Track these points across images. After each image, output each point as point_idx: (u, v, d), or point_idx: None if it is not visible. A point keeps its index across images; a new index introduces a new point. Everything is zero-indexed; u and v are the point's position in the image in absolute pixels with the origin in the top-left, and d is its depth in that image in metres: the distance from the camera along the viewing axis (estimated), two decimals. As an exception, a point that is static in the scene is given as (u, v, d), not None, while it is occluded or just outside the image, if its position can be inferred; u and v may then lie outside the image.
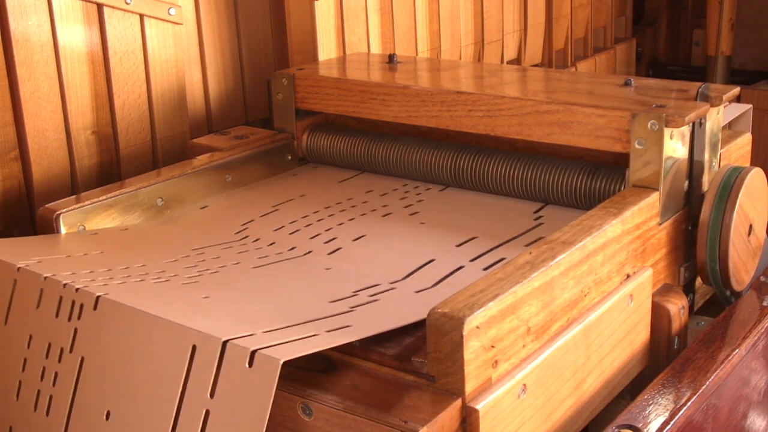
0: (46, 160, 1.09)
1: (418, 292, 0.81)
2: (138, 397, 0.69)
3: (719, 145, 0.99)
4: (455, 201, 1.02)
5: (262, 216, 0.99)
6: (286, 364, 0.63)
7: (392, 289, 0.81)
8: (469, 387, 0.67)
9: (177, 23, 1.20)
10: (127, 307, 0.72)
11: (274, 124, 1.18)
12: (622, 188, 0.93)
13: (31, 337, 0.77)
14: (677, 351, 0.90)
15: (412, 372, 0.70)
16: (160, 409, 0.67)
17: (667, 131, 0.88)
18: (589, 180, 0.97)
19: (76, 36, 1.10)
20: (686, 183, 0.94)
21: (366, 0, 1.35)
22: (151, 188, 1.00)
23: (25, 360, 0.77)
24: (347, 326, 0.71)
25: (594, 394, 0.81)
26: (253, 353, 0.63)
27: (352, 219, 0.98)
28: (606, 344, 0.82)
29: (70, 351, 0.74)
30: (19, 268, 0.80)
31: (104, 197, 0.96)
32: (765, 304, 0.94)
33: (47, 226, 0.92)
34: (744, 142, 1.08)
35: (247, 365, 0.63)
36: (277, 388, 0.67)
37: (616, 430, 0.74)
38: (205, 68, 1.28)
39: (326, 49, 1.29)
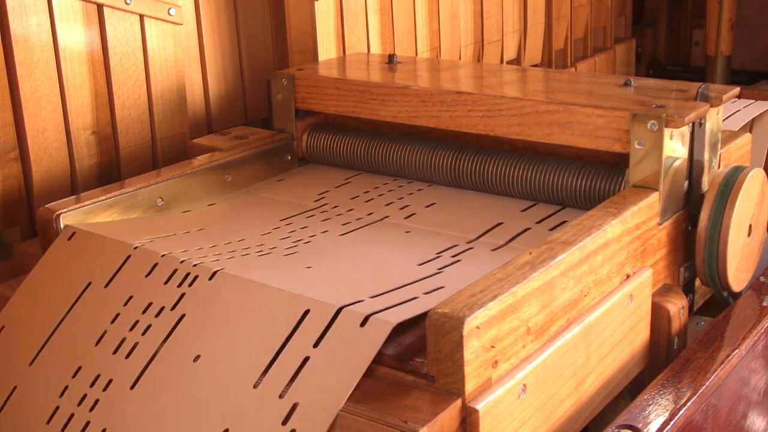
0: (46, 160, 1.09)
1: (493, 250, 0.89)
2: (234, 345, 0.74)
3: (719, 145, 0.99)
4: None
5: (336, 187, 1.08)
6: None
7: (470, 249, 0.89)
8: (469, 387, 0.67)
9: (177, 23, 1.20)
10: (244, 279, 0.79)
11: (274, 124, 1.18)
12: (622, 188, 0.93)
13: (131, 297, 0.82)
14: (677, 351, 0.90)
15: (412, 372, 0.70)
16: (255, 353, 0.72)
17: (667, 131, 0.89)
18: (589, 180, 0.97)
19: (76, 36, 1.10)
20: (686, 183, 0.94)
21: (366, 0, 1.35)
22: (151, 188, 1.00)
23: (117, 315, 0.82)
24: (441, 287, 0.79)
25: (594, 394, 0.81)
26: (366, 317, 0.70)
27: (420, 189, 1.07)
28: (606, 344, 0.82)
29: (171, 309, 0.79)
30: (136, 247, 0.86)
31: (104, 197, 0.96)
32: (765, 304, 0.94)
33: (47, 226, 0.92)
34: (744, 142, 1.08)
35: (359, 326, 0.70)
36: None
37: (616, 430, 0.74)
38: (204, 68, 1.28)
39: (326, 50, 1.29)
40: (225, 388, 0.72)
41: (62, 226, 0.92)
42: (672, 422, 0.75)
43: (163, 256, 0.84)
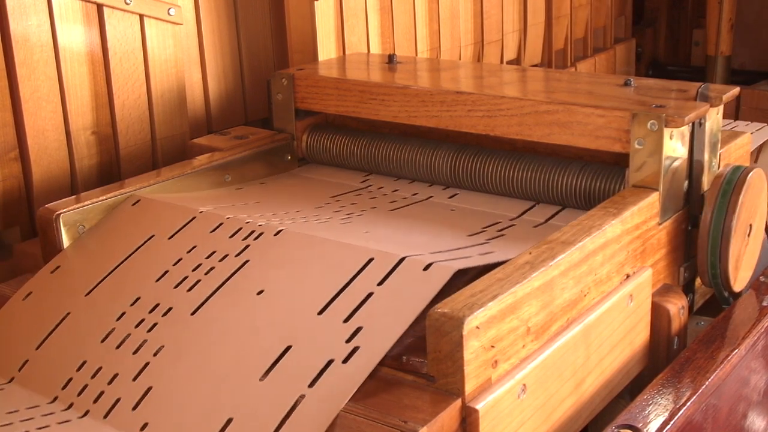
0: (46, 160, 1.09)
1: (535, 227, 0.94)
2: (299, 282, 0.79)
3: (719, 145, 0.99)
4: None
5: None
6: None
7: (512, 225, 0.94)
8: (469, 387, 0.67)
9: (177, 23, 1.20)
10: (308, 234, 0.84)
11: (274, 124, 1.18)
12: (622, 188, 0.93)
13: (194, 246, 0.87)
14: (677, 351, 0.90)
15: (412, 372, 0.70)
16: (319, 289, 0.77)
17: (666, 131, 0.89)
18: (589, 180, 0.97)
19: (76, 36, 1.10)
20: (686, 183, 0.94)
21: (366, 0, 1.35)
22: (150, 188, 1.00)
23: (180, 259, 0.86)
24: (492, 252, 0.84)
25: (594, 394, 0.81)
26: (429, 264, 0.76)
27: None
28: (606, 344, 0.82)
29: (236, 256, 0.84)
30: (201, 211, 0.92)
31: (104, 197, 0.96)
32: (764, 304, 0.94)
33: (47, 226, 0.92)
34: (744, 142, 1.08)
35: (422, 270, 0.75)
36: None
37: (616, 430, 0.74)
38: (204, 68, 1.28)
39: (326, 49, 1.29)
40: (288, 315, 0.76)
41: (62, 226, 0.92)
42: (672, 422, 0.75)
43: (228, 218, 0.89)
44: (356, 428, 0.65)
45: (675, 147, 0.91)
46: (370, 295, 0.75)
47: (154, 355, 0.78)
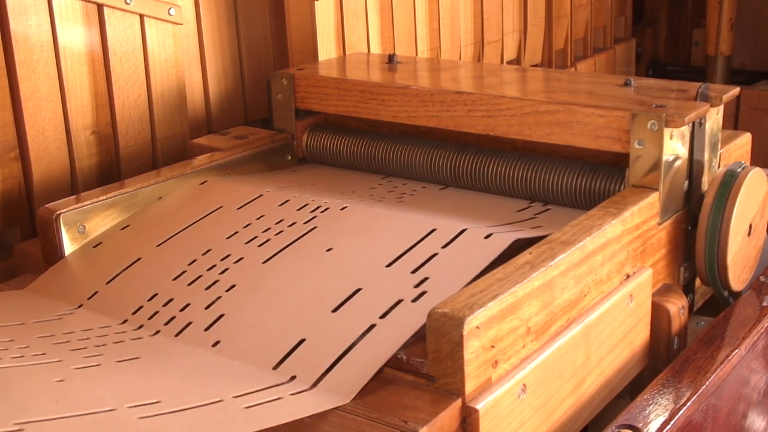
0: (46, 160, 1.09)
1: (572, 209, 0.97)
2: (366, 243, 0.85)
3: (719, 145, 0.99)
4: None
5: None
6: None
7: (548, 209, 0.98)
8: (469, 387, 0.67)
9: (177, 23, 1.20)
10: (373, 209, 0.92)
11: (274, 124, 1.18)
12: (622, 188, 0.93)
13: (263, 215, 0.93)
14: (677, 351, 0.90)
15: (412, 372, 0.70)
16: (386, 249, 0.83)
17: (667, 131, 0.89)
18: (589, 180, 0.97)
19: (76, 36, 1.10)
20: (686, 183, 0.94)
21: (366, 0, 1.35)
22: (150, 188, 1.00)
23: (249, 224, 0.92)
24: (541, 225, 0.90)
25: (594, 394, 0.81)
26: (489, 234, 0.82)
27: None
28: (606, 344, 0.82)
29: (304, 223, 0.90)
30: (267, 191, 0.99)
31: (104, 197, 0.96)
32: (765, 304, 0.94)
33: (47, 226, 0.92)
34: (744, 142, 1.08)
35: (483, 239, 0.82)
36: None
37: (616, 430, 0.74)
38: (204, 68, 1.28)
39: (326, 49, 1.29)
40: (357, 267, 0.82)
41: (62, 226, 0.92)
42: (672, 422, 0.75)
43: (294, 196, 0.97)
44: (356, 428, 0.65)
45: (675, 147, 0.91)
46: (434, 255, 0.81)
47: (227, 291, 0.82)
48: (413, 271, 0.79)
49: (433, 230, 0.85)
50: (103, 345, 0.77)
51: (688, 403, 0.78)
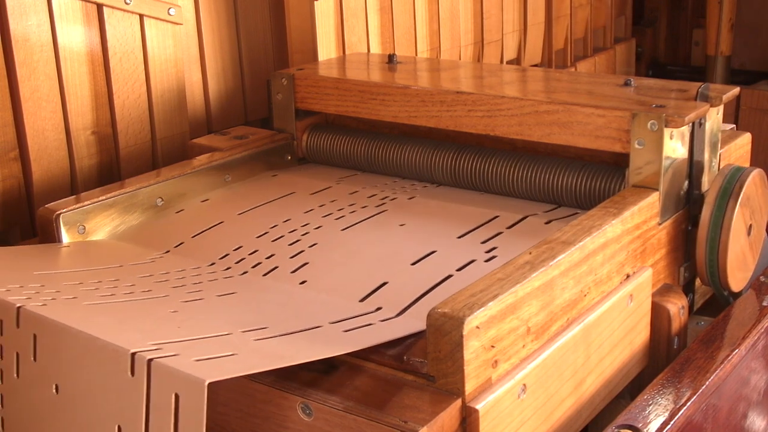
0: (46, 160, 1.09)
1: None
2: (438, 221, 0.95)
3: (719, 145, 0.99)
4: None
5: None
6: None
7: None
8: (469, 387, 0.67)
9: (177, 23, 1.20)
10: (438, 200, 1.01)
11: (274, 124, 1.18)
12: (622, 188, 0.93)
13: (335, 200, 1.02)
14: (677, 351, 0.90)
15: (412, 372, 0.70)
16: (457, 226, 0.93)
17: (666, 131, 0.89)
18: (589, 180, 0.97)
19: (76, 36, 1.10)
20: (686, 183, 0.94)
21: (366, 0, 1.35)
22: (150, 188, 1.00)
23: (323, 204, 1.01)
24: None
25: (594, 394, 0.81)
26: (550, 220, 0.94)
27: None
28: (606, 344, 0.82)
29: (376, 207, 1.00)
30: (337, 183, 1.09)
31: (104, 197, 0.96)
32: (765, 304, 0.94)
33: (47, 226, 0.92)
34: (744, 142, 1.08)
35: (544, 224, 0.93)
36: (276, 389, 0.69)
37: (616, 430, 0.74)
38: (204, 68, 1.28)
39: (326, 49, 1.29)
40: (431, 238, 0.90)
41: (62, 226, 0.92)
42: (672, 422, 0.75)
43: (363, 187, 1.06)
44: (356, 428, 0.65)
45: (675, 147, 0.91)
46: (500, 233, 0.90)
47: (309, 247, 0.90)
48: (483, 242, 0.89)
49: (496, 216, 0.95)
50: (200, 283, 0.84)
51: (688, 403, 0.78)
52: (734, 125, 1.21)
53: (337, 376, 0.70)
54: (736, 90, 0.98)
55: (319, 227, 0.94)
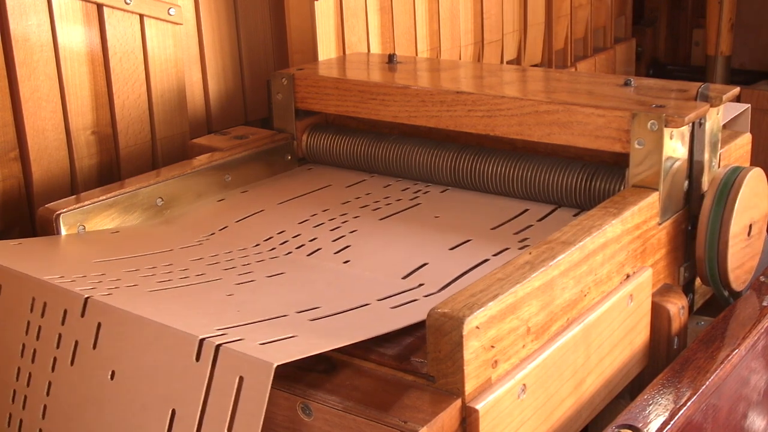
0: (46, 160, 1.09)
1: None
2: (470, 215, 1.00)
3: (719, 145, 0.99)
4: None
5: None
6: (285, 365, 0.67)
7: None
8: (469, 387, 0.67)
9: (177, 23, 1.20)
10: (470, 193, 1.06)
11: (274, 124, 1.18)
12: (622, 188, 0.93)
13: (369, 193, 1.07)
14: (677, 351, 0.90)
15: (412, 372, 0.70)
16: (489, 219, 0.98)
17: (666, 131, 0.89)
18: (589, 180, 0.97)
19: (76, 36, 1.10)
20: (686, 183, 0.94)
21: (366, 0, 1.35)
22: (150, 188, 1.00)
23: (358, 197, 1.06)
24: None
25: (594, 394, 0.81)
26: (578, 212, 0.98)
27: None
28: (606, 344, 0.82)
29: (409, 200, 1.05)
30: (372, 175, 1.14)
31: (104, 197, 0.96)
32: (765, 304, 0.94)
33: (47, 226, 0.92)
34: (744, 142, 1.08)
35: (572, 216, 0.97)
36: (276, 389, 0.69)
37: (616, 430, 0.74)
38: (204, 68, 1.28)
39: (326, 49, 1.29)
40: (465, 228, 0.95)
41: (62, 226, 0.92)
42: (672, 422, 0.75)
43: (398, 180, 1.11)
44: (356, 428, 0.65)
45: (675, 147, 0.91)
46: (530, 226, 0.94)
47: (350, 232, 0.95)
48: (516, 233, 0.94)
49: (526, 210, 0.99)
50: (248, 264, 0.88)
51: (688, 403, 0.78)
52: (749, 104, 1.22)
53: (337, 376, 0.70)
54: (736, 90, 0.98)
55: (357, 216, 1.00)
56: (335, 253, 0.91)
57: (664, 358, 0.90)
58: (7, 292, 0.82)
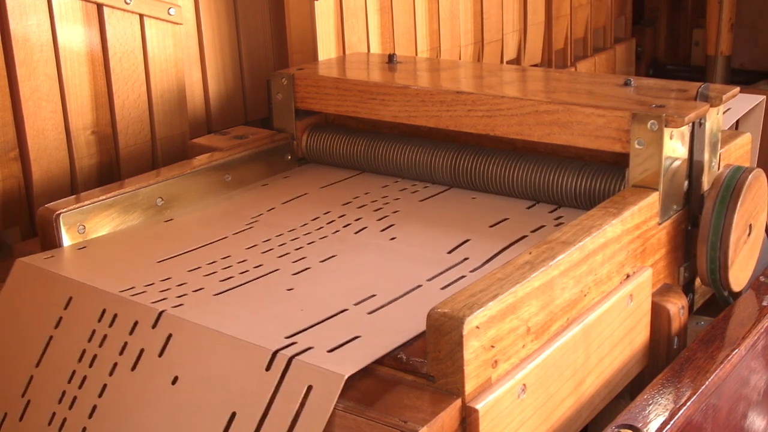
0: (46, 160, 1.09)
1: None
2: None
3: (719, 145, 0.99)
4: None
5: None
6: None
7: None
8: (469, 387, 0.67)
9: (177, 23, 1.20)
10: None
11: (274, 124, 1.18)
12: (622, 188, 0.93)
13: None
14: (677, 351, 0.90)
15: (412, 372, 0.70)
16: (517, 200, 1.03)
17: (666, 131, 0.89)
18: (589, 180, 0.97)
19: (76, 36, 1.10)
20: (686, 183, 0.94)
21: (366, 0, 1.35)
22: (150, 188, 1.00)
23: (386, 185, 1.09)
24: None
25: (594, 394, 0.81)
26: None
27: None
28: (606, 344, 0.82)
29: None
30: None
31: (104, 197, 0.96)
32: (764, 304, 0.94)
33: (47, 226, 0.92)
34: (744, 142, 1.08)
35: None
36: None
37: (616, 430, 0.74)
38: (204, 68, 1.28)
39: (326, 49, 1.29)
40: (501, 208, 1.00)
41: (62, 226, 0.92)
42: (672, 422, 0.75)
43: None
44: (356, 428, 0.65)
45: (675, 147, 0.91)
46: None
47: (393, 212, 1.00)
48: (550, 212, 0.98)
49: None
50: (301, 248, 0.92)
51: (688, 403, 0.78)
52: (764, 96, 1.21)
53: (337, 376, 0.70)
54: (736, 90, 0.98)
55: (397, 199, 1.05)
56: (381, 231, 0.96)
57: (664, 358, 0.90)
58: (78, 303, 0.83)
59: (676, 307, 0.90)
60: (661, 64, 2.33)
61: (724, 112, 1.38)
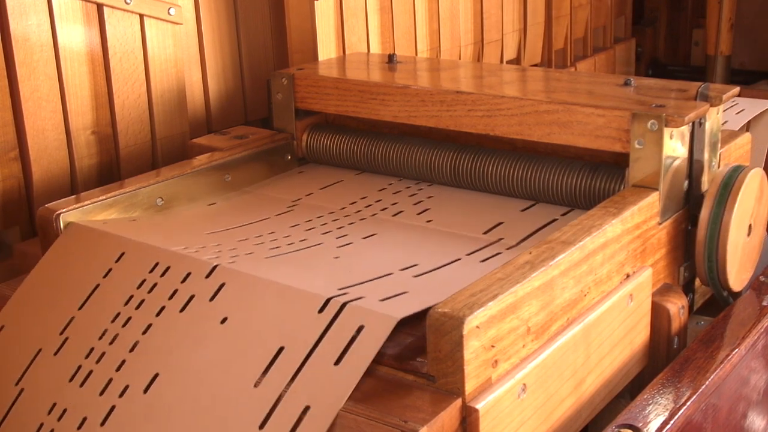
0: (46, 160, 1.09)
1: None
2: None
3: (719, 145, 0.99)
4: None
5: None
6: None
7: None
8: (469, 387, 0.67)
9: (177, 23, 1.20)
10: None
11: (274, 124, 1.18)
12: (622, 188, 0.93)
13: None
14: (677, 351, 0.90)
15: (412, 372, 0.70)
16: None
17: (666, 131, 0.89)
18: (589, 180, 0.97)
19: (76, 36, 1.10)
20: (686, 183, 0.95)
21: (366, 0, 1.35)
22: (150, 188, 1.00)
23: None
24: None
25: (594, 393, 0.81)
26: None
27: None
28: (606, 344, 0.82)
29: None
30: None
31: (104, 197, 0.96)
32: (764, 303, 0.94)
33: (47, 226, 0.92)
34: (744, 142, 1.08)
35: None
36: None
37: (616, 429, 0.74)
38: (204, 68, 1.28)
39: (326, 49, 1.29)
40: (530, 194, 1.01)
41: (62, 226, 0.92)
42: (672, 422, 0.75)
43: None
44: (356, 428, 0.65)
45: (675, 147, 0.91)
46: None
47: (427, 198, 1.04)
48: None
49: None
50: (342, 228, 0.95)
51: (688, 403, 0.78)
52: None
53: (337, 376, 0.70)
54: (736, 90, 0.98)
55: (430, 185, 1.08)
56: (418, 215, 0.99)
57: (664, 358, 0.90)
58: (130, 257, 0.85)
59: (676, 306, 0.90)
60: (661, 64, 2.33)
61: (737, 114, 1.39)
